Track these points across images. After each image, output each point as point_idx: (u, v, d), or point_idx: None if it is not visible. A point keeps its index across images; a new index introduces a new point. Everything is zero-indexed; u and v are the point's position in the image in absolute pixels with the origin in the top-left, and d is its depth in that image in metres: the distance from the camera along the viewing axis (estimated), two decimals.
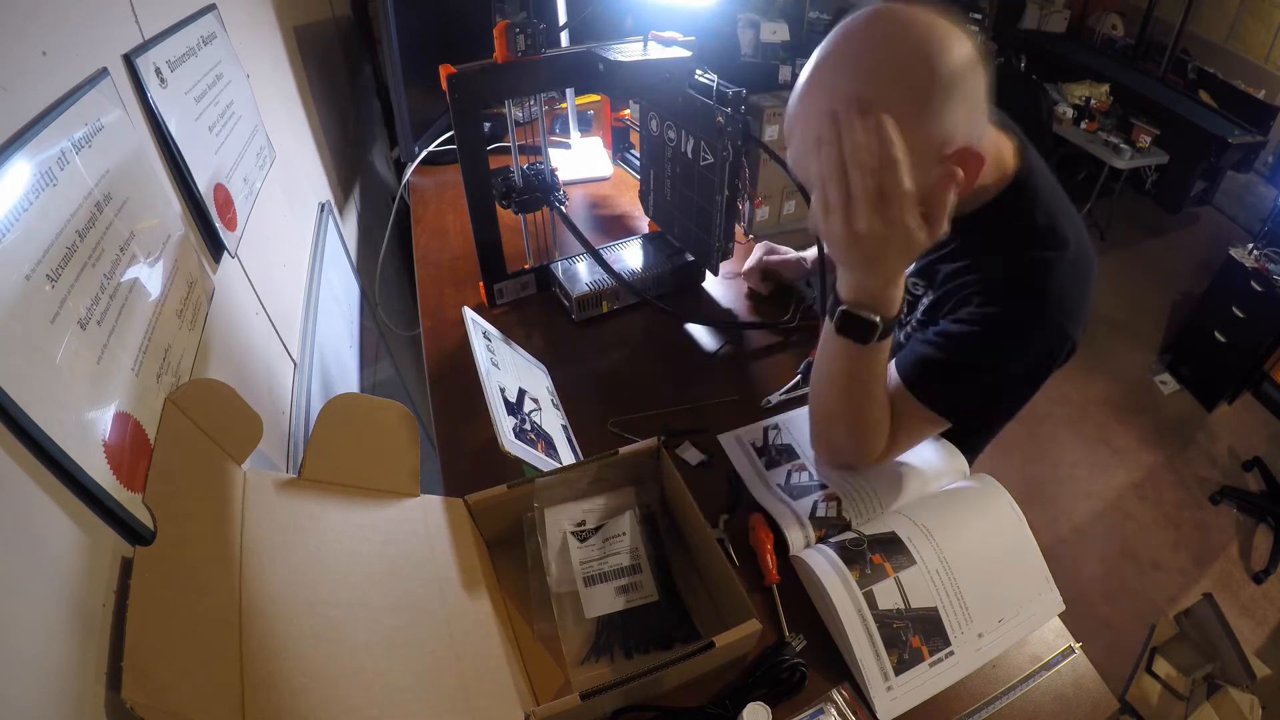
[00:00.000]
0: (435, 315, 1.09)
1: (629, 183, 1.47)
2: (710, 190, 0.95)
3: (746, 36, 3.33)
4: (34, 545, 0.38)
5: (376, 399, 0.66)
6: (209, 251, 0.72)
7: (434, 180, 1.47)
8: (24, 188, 0.42)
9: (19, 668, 0.34)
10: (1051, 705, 0.63)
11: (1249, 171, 3.71)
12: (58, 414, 0.40)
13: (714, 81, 0.88)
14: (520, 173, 1.01)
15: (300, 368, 0.94)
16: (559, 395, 0.91)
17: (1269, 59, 3.64)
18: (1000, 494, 0.74)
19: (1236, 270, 2.55)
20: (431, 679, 0.53)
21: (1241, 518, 2.31)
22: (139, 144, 0.59)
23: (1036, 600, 0.69)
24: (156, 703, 0.39)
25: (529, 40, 0.87)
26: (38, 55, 0.47)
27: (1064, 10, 4.43)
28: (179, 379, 0.57)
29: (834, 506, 0.74)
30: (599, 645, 0.64)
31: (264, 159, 0.92)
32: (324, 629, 0.51)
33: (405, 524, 0.64)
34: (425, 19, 1.28)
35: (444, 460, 0.85)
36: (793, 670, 0.61)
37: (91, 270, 0.47)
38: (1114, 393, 2.77)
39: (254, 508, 0.56)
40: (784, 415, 0.89)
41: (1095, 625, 1.93)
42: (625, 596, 0.67)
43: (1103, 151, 3.31)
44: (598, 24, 1.42)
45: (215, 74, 0.79)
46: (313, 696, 0.47)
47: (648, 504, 0.74)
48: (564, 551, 0.69)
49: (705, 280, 1.16)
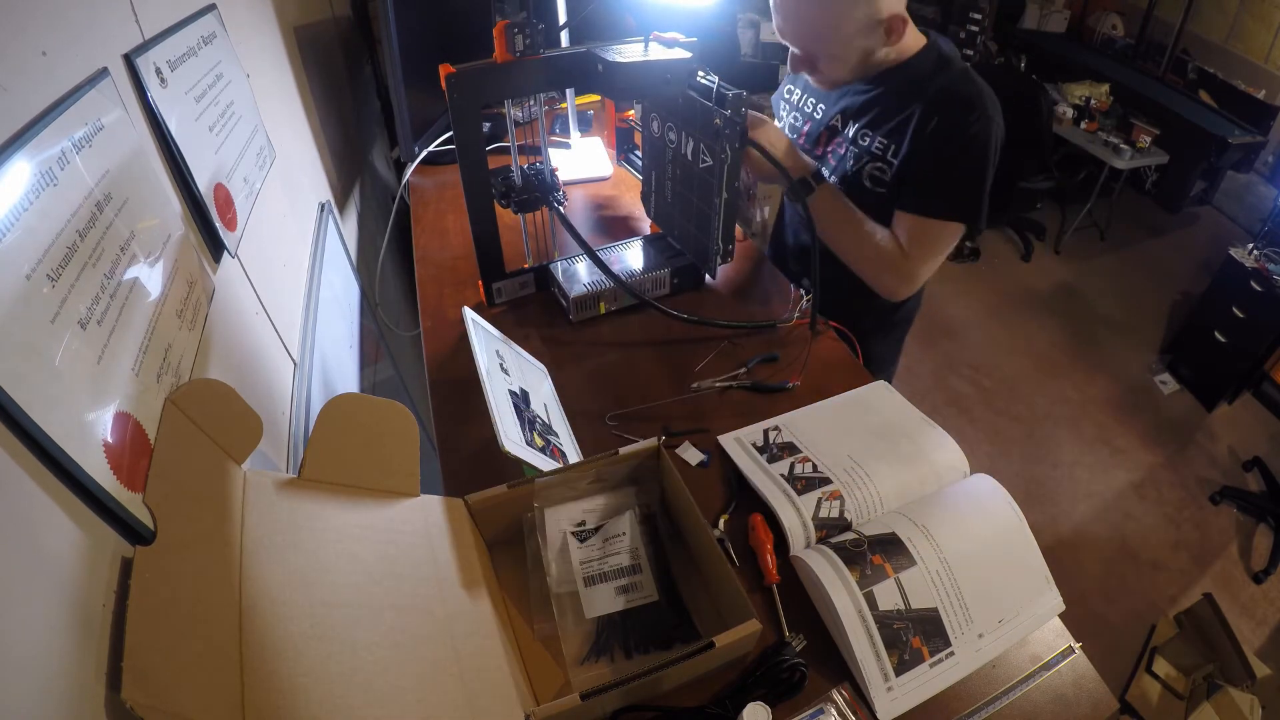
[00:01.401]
0: (435, 315, 1.09)
1: (632, 184, 1.47)
2: (709, 193, 0.94)
3: (746, 36, 3.33)
4: (34, 545, 0.38)
5: (377, 399, 0.66)
6: (209, 251, 0.72)
7: (434, 180, 1.47)
8: (24, 188, 0.42)
9: (19, 668, 0.34)
10: (1051, 705, 0.63)
11: (1249, 171, 3.71)
12: (58, 414, 0.40)
13: (714, 83, 0.88)
14: (520, 173, 1.01)
15: (300, 368, 0.94)
16: (558, 395, 0.91)
17: (1269, 59, 3.64)
18: (1000, 494, 0.74)
19: (1236, 270, 2.55)
20: (431, 679, 0.53)
21: (1241, 518, 2.31)
22: (139, 144, 0.59)
23: (1036, 600, 0.69)
24: (156, 702, 0.39)
25: (528, 40, 0.87)
26: (38, 55, 0.47)
27: (1064, 10, 4.44)
28: (179, 379, 0.57)
29: (837, 505, 0.74)
30: (599, 645, 0.65)
31: (264, 159, 0.92)
32: (323, 629, 0.51)
33: (405, 524, 0.64)
34: (425, 19, 1.28)
35: (444, 460, 0.85)
36: (793, 670, 0.61)
37: (92, 270, 0.47)
38: (1114, 393, 2.77)
39: (254, 508, 0.56)
40: (784, 416, 0.89)
41: (1095, 625, 1.93)
42: (625, 596, 0.67)
43: (1103, 151, 3.31)
44: (598, 24, 1.42)
45: (215, 74, 0.79)
46: (312, 696, 0.47)
47: (647, 504, 0.74)
48: (564, 551, 0.69)
49: (705, 282, 1.16)
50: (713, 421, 0.89)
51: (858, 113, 1.06)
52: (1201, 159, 3.54)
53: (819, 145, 1.13)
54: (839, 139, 1.09)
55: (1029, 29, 4.37)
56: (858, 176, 1.05)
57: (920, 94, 0.97)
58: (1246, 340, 2.53)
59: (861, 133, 1.05)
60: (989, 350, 2.96)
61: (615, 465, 0.72)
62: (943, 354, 2.92)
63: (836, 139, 1.09)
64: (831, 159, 1.10)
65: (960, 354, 2.93)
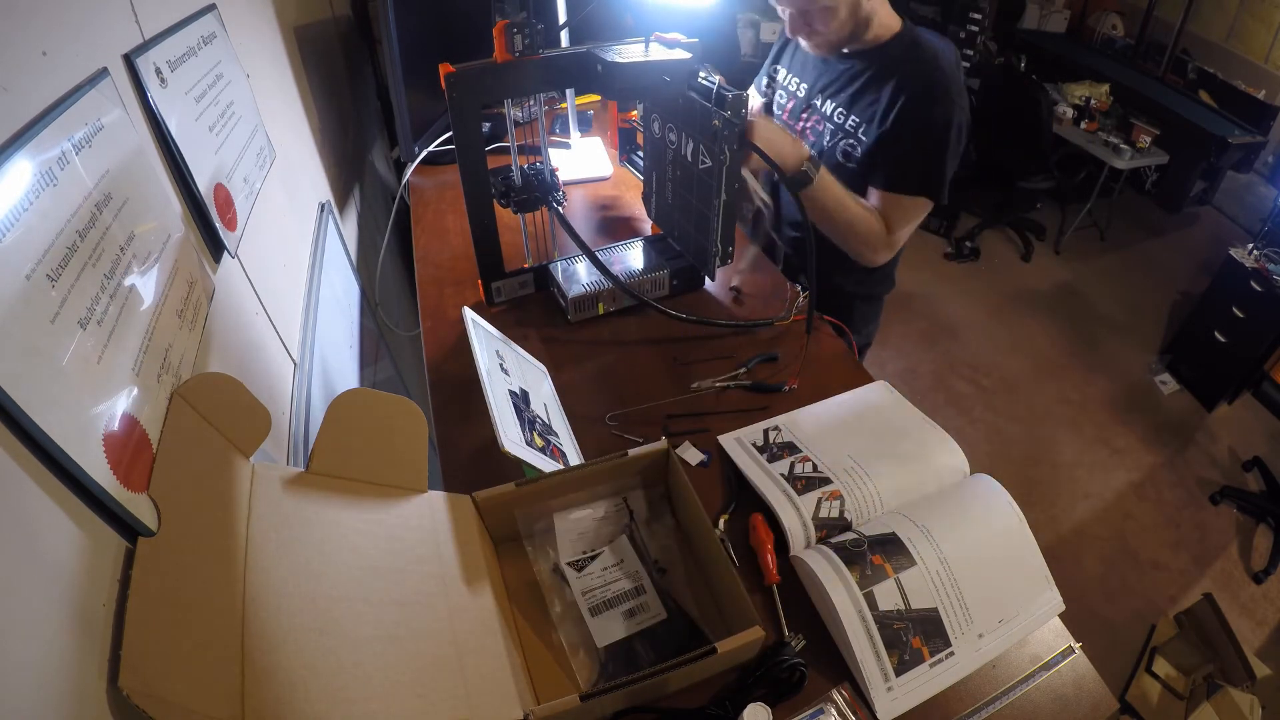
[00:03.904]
0: (435, 315, 1.09)
1: (633, 184, 1.47)
2: (708, 194, 0.94)
3: (746, 36, 3.33)
4: (34, 545, 0.38)
5: (387, 395, 0.66)
6: (209, 251, 0.72)
7: (434, 180, 1.47)
8: (24, 188, 0.42)
9: (19, 668, 0.34)
10: (1051, 705, 0.63)
11: (1249, 171, 3.71)
12: (58, 414, 0.40)
13: (714, 84, 0.87)
14: (520, 173, 1.01)
15: (300, 368, 0.94)
16: (558, 395, 0.91)
17: (1269, 59, 3.63)
18: (1000, 494, 0.74)
19: (1236, 270, 2.55)
20: (431, 674, 0.53)
21: (1241, 518, 2.31)
22: (139, 144, 0.59)
23: (1036, 600, 0.69)
24: (154, 691, 0.39)
25: (528, 40, 0.87)
26: (38, 55, 0.47)
27: (1064, 10, 4.43)
28: (179, 379, 0.57)
29: (837, 505, 0.74)
30: (609, 672, 0.64)
31: (264, 159, 0.92)
32: (325, 622, 0.52)
33: (411, 520, 0.64)
34: (425, 19, 1.28)
35: (444, 460, 0.85)
36: (793, 670, 0.61)
37: (92, 270, 0.47)
38: (1114, 393, 2.77)
39: (261, 501, 0.56)
40: (783, 416, 0.89)
41: (1095, 625, 1.93)
42: (634, 619, 0.67)
43: (1103, 151, 3.31)
44: (597, 24, 1.42)
45: (215, 74, 0.79)
46: (311, 689, 0.47)
47: (628, 523, 0.74)
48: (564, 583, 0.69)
49: (704, 284, 1.16)
50: (713, 421, 0.89)
51: (835, 91, 1.15)
52: (1201, 159, 3.54)
53: (799, 120, 1.23)
54: (816, 116, 1.19)
55: (1029, 29, 4.37)
56: (832, 152, 1.15)
57: (891, 76, 1.06)
58: (1246, 340, 2.53)
59: (837, 110, 1.14)
60: (989, 350, 2.96)
61: (619, 466, 0.72)
62: (943, 354, 2.92)
63: (814, 116, 1.19)
64: (810, 135, 1.20)
65: (960, 354, 2.93)
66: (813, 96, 1.18)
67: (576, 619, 0.67)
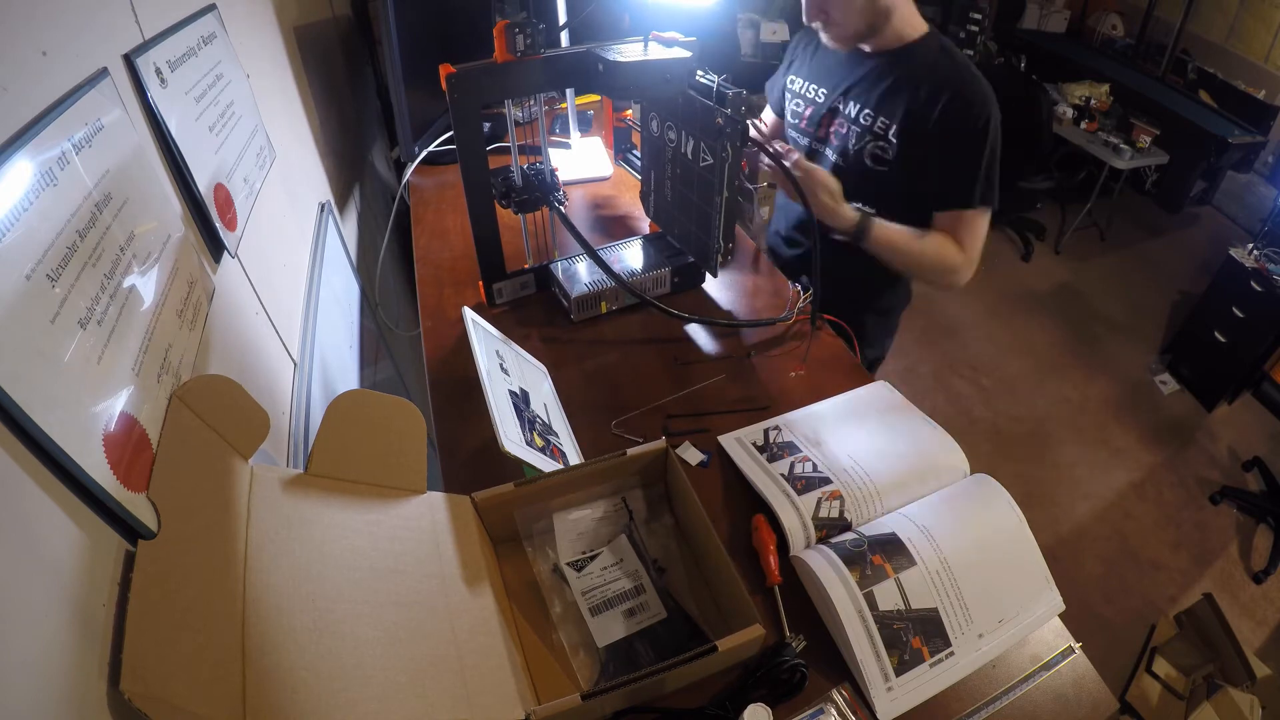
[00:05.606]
0: (435, 315, 1.09)
1: (630, 183, 1.47)
2: (710, 192, 0.94)
3: (746, 36, 3.33)
4: (34, 545, 0.38)
5: (385, 396, 0.66)
6: (209, 251, 0.72)
7: (434, 180, 1.47)
8: (24, 188, 0.42)
9: (19, 668, 0.34)
10: (1051, 705, 0.63)
11: (1249, 171, 3.71)
12: (58, 414, 0.40)
13: (714, 82, 0.87)
14: (520, 172, 1.01)
15: (300, 368, 0.94)
16: (558, 395, 0.91)
17: (1269, 59, 3.63)
18: (1000, 494, 0.74)
19: (1236, 270, 2.55)
20: (432, 675, 0.53)
21: (1241, 518, 2.31)
22: (139, 144, 0.59)
23: (1036, 600, 0.69)
24: (155, 693, 0.39)
25: (529, 40, 0.87)
26: (38, 55, 0.47)
27: (1064, 10, 4.43)
28: (179, 379, 0.57)
29: (837, 505, 0.74)
30: (609, 672, 0.64)
31: (264, 159, 0.92)
32: (326, 624, 0.52)
33: (411, 521, 0.64)
34: (425, 19, 1.28)
35: (444, 460, 0.85)
36: (793, 671, 0.61)
37: (92, 270, 0.47)
38: (1114, 393, 2.77)
39: (260, 502, 0.56)
40: (783, 416, 0.89)
41: (1095, 625, 1.93)
42: (634, 619, 0.67)
43: (1103, 151, 3.31)
44: (597, 24, 1.42)
45: (215, 74, 0.79)
46: (312, 690, 0.47)
47: (628, 523, 0.74)
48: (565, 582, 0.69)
49: (705, 281, 1.16)
50: (713, 421, 0.89)
51: (860, 93, 1.11)
52: (1201, 159, 3.54)
53: (821, 127, 1.18)
54: (840, 119, 1.14)
55: (1029, 29, 4.37)
56: (859, 155, 1.11)
57: (922, 79, 1.03)
58: (1246, 340, 2.53)
59: (863, 112, 1.10)
60: (989, 350, 2.96)
61: (619, 466, 0.72)
62: (943, 354, 2.92)
63: (838, 119, 1.15)
64: (834, 139, 1.16)
65: (960, 354, 2.93)
66: (835, 100, 1.14)
67: (576, 619, 0.67)
